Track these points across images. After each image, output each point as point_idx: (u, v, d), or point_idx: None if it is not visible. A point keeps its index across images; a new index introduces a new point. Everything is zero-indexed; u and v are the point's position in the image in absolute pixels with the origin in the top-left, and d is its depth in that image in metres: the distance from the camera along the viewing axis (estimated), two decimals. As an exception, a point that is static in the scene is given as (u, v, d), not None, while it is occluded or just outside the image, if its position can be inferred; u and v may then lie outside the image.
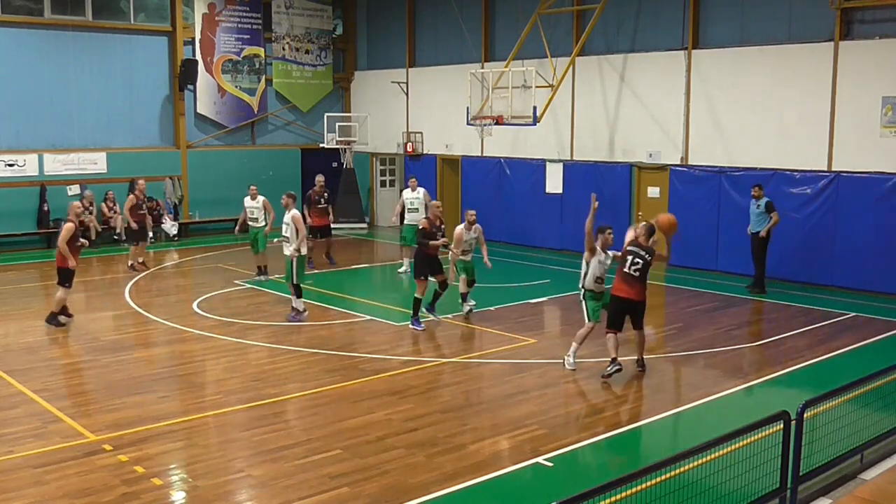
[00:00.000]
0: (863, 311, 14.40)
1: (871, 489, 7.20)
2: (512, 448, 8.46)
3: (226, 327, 13.16)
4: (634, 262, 10.51)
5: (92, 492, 7.27)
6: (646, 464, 5.67)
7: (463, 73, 20.51)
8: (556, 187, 20.76)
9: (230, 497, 7.34)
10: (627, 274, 10.51)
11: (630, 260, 10.54)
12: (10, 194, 20.59)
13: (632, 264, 10.50)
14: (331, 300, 15.18)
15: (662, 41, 18.92)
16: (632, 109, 19.39)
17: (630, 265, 10.51)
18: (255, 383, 10.39)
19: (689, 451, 5.99)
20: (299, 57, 25.46)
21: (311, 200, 18.11)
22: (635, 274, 10.48)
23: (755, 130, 17.38)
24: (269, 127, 25.38)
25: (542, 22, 19.52)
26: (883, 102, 15.55)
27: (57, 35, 21.22)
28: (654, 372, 11.06)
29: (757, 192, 15.89)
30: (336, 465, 7.88)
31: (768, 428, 6.63)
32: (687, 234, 18.44)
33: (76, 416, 9.15)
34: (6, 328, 13.23)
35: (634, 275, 10.48)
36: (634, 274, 10.48)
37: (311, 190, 18.56)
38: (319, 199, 18.12)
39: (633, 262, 10.51)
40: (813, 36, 16.52)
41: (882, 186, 15.65)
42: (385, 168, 26.08)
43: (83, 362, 11.43)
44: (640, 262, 10.50)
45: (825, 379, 10.42)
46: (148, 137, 23.03)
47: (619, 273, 10.61)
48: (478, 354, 11.80)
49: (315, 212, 17.97)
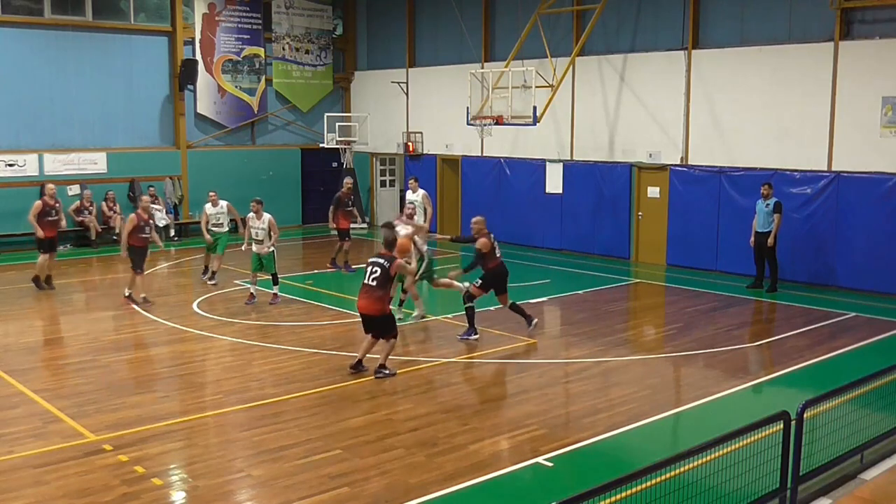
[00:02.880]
0: (863, 311, 14.40)
1: (871, 489, 7.20)
2: (512, 448, 8.46)
3: (226, 327, 13.16)
4: (373, 271, 10.51)
5: (92, 492, 7.27)
6: (646, 464, 5.67)
7: (463, 73, 20.51)
8: (556, 187, 20.75)
9: (230, 497, 7.34)
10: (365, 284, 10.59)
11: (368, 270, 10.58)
12: (10, 194, 20.59)
13: (370, 275, 10.53)
14: (331, 300, 15.18)
15: (662, 41, 18.92)
16: (632, 109, 19.39)
17: (368, 276, 10.55)
18: (255, 383, 10.39)
19: (689, 451, 5.98)
20: (299, 57, 25.46)
21: (342, 202, 17.96)
22: (373, 283, 10.47)
23: (755, 130, 17.38)
24: (269, 127, 25.38)
25: (542, 22, 19.53)
26: (883, 102, 15.55)
27: (57, 35, 21.22)
28: (654, 372, 11.07)
29: (766, 190, 15.84)
30: (336, 465, 7.88)
31: (768, 428, 6.63)
32: (687, 234, 18.53)
33: (76, 416, 9.15)
34: (6, 328, 13.23)
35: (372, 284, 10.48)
36: (372, 283, 10.48)
37: (339, 192, 18.31)
38: (348, 201, 18.10)
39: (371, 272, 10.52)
40: (813, 36, 16.52)
41: (882, 186, 15.65)
42: (385, 168, 26.09)
43: (83, 362, 11.42)
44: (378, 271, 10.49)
45: (825, 379, 10.43)
46: (148, 137, 23.04)
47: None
48: (478, 354, 11.80)
49: (343, 214, 17.93)
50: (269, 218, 14.72)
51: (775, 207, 15.67)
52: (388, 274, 10.49)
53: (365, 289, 10.55)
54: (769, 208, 15.72)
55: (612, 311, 14.66)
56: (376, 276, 10.44)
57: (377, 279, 10.44)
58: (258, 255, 14.74)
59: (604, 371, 11.14)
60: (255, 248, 14.76)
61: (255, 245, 14.75)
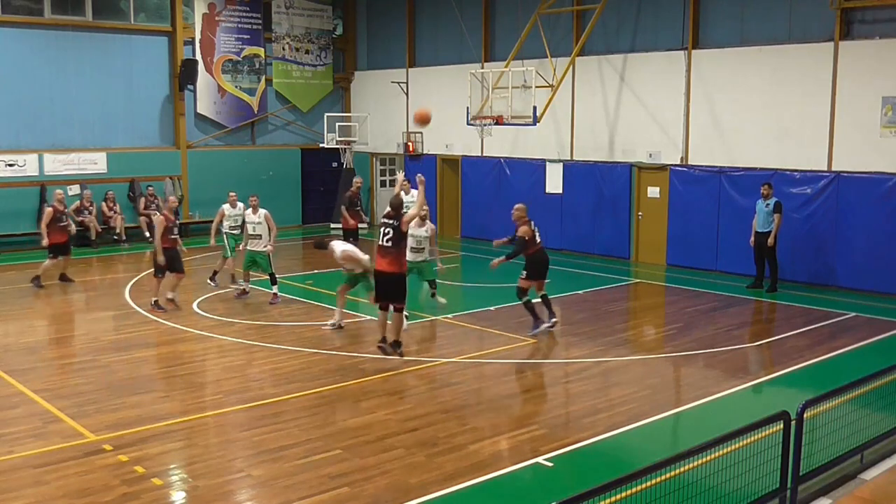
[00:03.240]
0: (863, 311, 14.40)
1: (871, 489, 7.20)
2: (512, 448, 8.46)
3: (226, 327, 13.16)
4: (385, 232, 10.79)
5: (92, 492, 7.27)
6: (646, 464, 5.67)
7: (463, 73, 20.50)
8: (556, 187, 20.75)
9: (230, 497, 7.34)
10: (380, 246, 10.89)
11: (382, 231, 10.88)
12: (10, 194, 20.60)
13: (383, 235, 10.82)
14: (331, 300, 15.17)
15: (662, 41, 18.92)
16: (632, 109, 19.39)
17: (382, 236, 10.85)
18: (255, 383, 10.39)
19: (689, 451, 5.98)
20: (299, 57, 25.46)
21: (352, 202, 18.05)
22: (387, 244, 10.77)
23: (755, 130, 17.38)
24: (269, 127, 25.38)
25: (542, 22, 19.53)
26: (883, 102, 15.55)
27: (57, 35, 21.22)
28: (654, 372, 11.07)
29: (766, 190, 15.83)
30: (336, 465, 7.88)
31: (768, 428, 6.63)
32: (687, 234, 18.53)
33: (76, 416, 9.15)
34: (6, 328, 13.23)
35: (387, 245, 10.78)
36: (387, 245, 10.78)
37: (349, 191, 18.45)
38: (357, 200, 18.24)
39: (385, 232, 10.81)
40: (813, 36, 16.52)
41: (882, 186, 15.65)
42: (385, 168, 26.08)
43: (83, 362, 11.43)
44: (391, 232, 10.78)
45: (825, 379, 10.42)
46: (148, 137, 23.04)
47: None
48: (478, 354, 11.79)
49: (353, 213, 18.05)
50: (266, 213, 14.77)
51: (775, 207, 15.66)
52: (401, 231, 10.77)
53: (381, 251, 10.87)
54: (769, 208, 15.72)
55: (612, 311, 14.67)
56: (390, 237, 10.73)
57: (391, 239, 10.74)
58: (252, 252, 14.78)
59: (604, 371, 11.14)
60: (250, 244, 14.81)
61: (252, 241, 14.79)
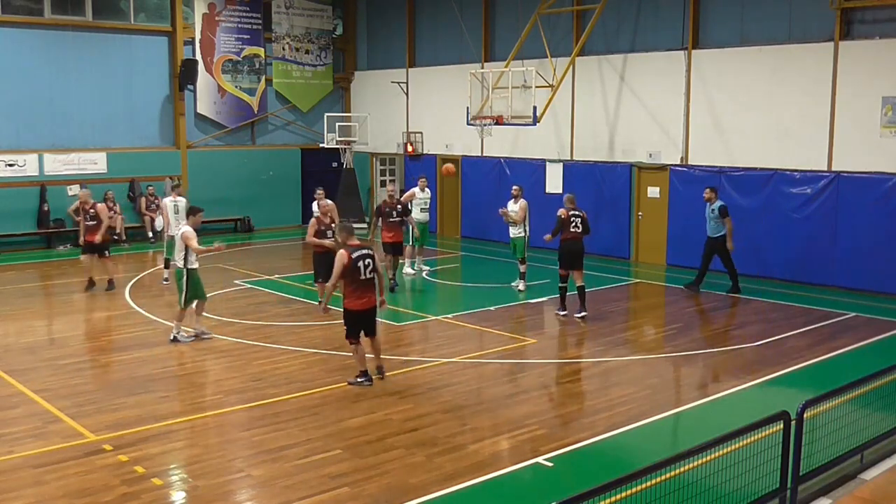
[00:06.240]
0: (863, 311, 14.39)
1: (871, 489, 7.20)
2: (512, 448, 8.47)
3: (226, 327, 13.16)
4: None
5: (92, 492, 7.28)
6: (646, 464, 5.67)
7: (463, 73, 20.50)
8: (556, 187, 20.74)
9: (230, 497, 7.34)
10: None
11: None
12: (10, 194, 20.59)
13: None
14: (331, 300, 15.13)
15: (662, 41, 18.91)
16: (632, 109, 19.39)
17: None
18: (255, 383, 10.39)
19: (689, 451, 5.98)
20: (299, 57, 25.45)
21: (383, 212, 15.89)
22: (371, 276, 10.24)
23: (755, 130, 17.37)
24: (269, 127, 25.38)
25: (542, 22, 19.52)
26: (883, 102, 15.55)
27: (57, 35, 21.22)
28: (654, 372, 11.06)
29: (708, 194, 15.68)
30: (336, 465, 7.88)
31: (768, 428, 6.63)
32: (687, 234, 18.51)
33: (76, 416, 9.15)
34: (6, 328, 13.23)
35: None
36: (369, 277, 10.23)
37: (382, 201, 16.39)
38: (392, 210, 15.86)
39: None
40: (813, 36, 16.51)
41: (882, 186, 15.65)
42: (385, 168, 26.07)
43: (83, 362, 11.43)
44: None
45: (825, 379, 10.42)
46: (148, 137, 23.03)
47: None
48: (478, 354, 11.79)
49: (387, 225, 15.83)
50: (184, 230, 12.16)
51: (720, 212, 15.54)
52: (375, 261, 10.29)
53: (366, 285, 10.19)
54: (714, 213, 15.60)
55: (612, 311, 14.66)
56: (373, 269, 10.21)
57: (374, 270, 10.25)
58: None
59: (604, 371, 11.14)
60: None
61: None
